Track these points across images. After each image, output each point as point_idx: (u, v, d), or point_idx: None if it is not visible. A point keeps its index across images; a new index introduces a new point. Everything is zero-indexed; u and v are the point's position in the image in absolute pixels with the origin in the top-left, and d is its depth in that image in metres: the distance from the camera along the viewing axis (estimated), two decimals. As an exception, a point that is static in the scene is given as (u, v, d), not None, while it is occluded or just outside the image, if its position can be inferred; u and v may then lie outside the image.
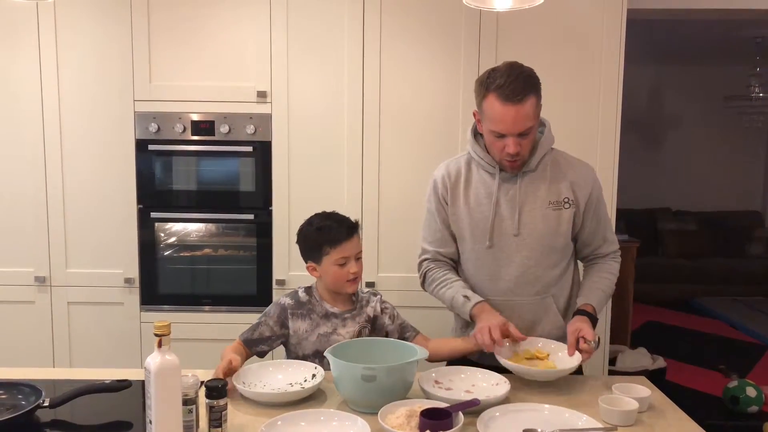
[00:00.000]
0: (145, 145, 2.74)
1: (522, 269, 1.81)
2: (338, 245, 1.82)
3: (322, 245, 1.84)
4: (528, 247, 1.80)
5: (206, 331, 2.79)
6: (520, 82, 1.68)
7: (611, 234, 1.92)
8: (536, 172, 1.81)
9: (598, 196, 1.85)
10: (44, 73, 2.71)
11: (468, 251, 1.88)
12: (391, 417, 1.42)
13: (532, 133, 1.75)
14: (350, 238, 1.84)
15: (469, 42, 2.65)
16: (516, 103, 1.67)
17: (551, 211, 1.79)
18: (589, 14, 2.65)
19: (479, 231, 1.83)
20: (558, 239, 1.81)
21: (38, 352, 2.81)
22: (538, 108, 1.74)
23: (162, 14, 2.68)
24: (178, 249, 2.83)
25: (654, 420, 1.53)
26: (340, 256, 1.82)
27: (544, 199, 1.79)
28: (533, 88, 1.70)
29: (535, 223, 1.79)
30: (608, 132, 2.69)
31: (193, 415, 1.39)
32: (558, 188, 1.80)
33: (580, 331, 1.71)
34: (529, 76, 1.72)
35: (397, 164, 2.72)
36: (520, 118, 1.68)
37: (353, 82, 2.70)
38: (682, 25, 5.08)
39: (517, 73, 1.69)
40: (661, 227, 7.04)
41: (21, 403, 1.50)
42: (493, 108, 1.70)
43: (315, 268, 1.88)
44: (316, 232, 1.86)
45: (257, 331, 1.87)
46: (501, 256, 1.82)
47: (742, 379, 3.70)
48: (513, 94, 1.67)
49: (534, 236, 1.79)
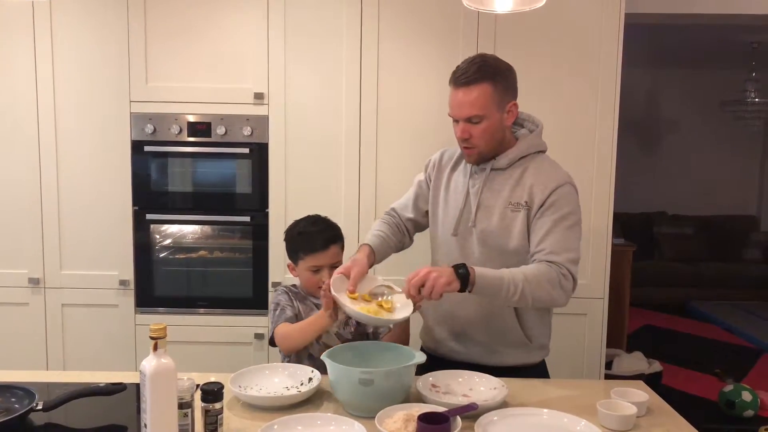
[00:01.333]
0: (141, 147, 2.72)
1: (479, 264, 1.76)
2: (312, 253, 1.89)
3: (298, 250, 1.92)
4: (482, 242, 1.79)
5: (202, 333, 2.77)
6: (474, 67, 1.69)
7: (556, 246, 1.69)
8: (505, 172, 1.79)
9: (554, 201, 1.72)
10: (40, 73, 2.69)
11: (438, 237, 1.89)
12: (389, 421, 1.42)
13: (486, 123, 1.71)
14: (325, 248, 1.89)
15: (467, 45, 2.65)
16: (461, 86, 1.69)
17: (509, 212, 1.76)
18: (587, 18, 2.65)
19: (449, 218, 1.85)
20: (510, 240, 1.76)
21: (32, 355, 2.79)
22: (494, 98, 1.69)
23: (158, 15, 2.67)
24: (173, 251, 2.82)
25: (652, 424, 1.53)
26: (312, 264, 1.89)
27: (506, 199, 1.77)
28: (488, 76, 1.68)
29: (490, 220, 1.78)
30: (605, 136, 2.69)
31: (188, 418, 1.37)
32: (521, 191, 1.76)
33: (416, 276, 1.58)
34: (488, 64, 1.70)
35: (394, 166, 2.71)
36: (465, 103, 1.69)
37: (350, 83, 2.69)
38: (679, 30, 5.09)
39: (475, 61, 1.70)
40: (657, 231, 7.07)
41: (14, 407, 1.49)
42: (450, 93, 1.74)
43: (294, 268, 1.97)
44: (296, 236, 1.95)
45: (287, 313, 1.88)
46: (464, 246, 1.82)
47: (737, 384, 3.71)
48: (461, 78, 1.69)
49: (487, 233, 1.78)
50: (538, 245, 1.71)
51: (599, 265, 2.72)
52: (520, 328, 1.81)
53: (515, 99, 1.76)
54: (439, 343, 1.88)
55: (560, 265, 1.67)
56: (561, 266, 1.67)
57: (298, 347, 1.84)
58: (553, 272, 1.66)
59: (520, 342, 1.83)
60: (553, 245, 1.69)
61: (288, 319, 1.86)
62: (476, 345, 1.84)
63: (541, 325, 1.86)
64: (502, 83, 1.71)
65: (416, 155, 2.69)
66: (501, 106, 1.72)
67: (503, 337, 1.82)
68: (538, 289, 1.64)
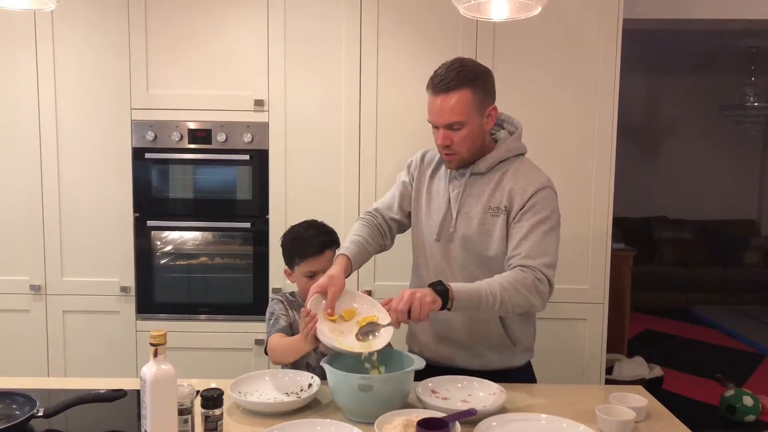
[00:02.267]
0: (142, 154, 2.74)
1: (460, 268, 1.79)
2: (307, 259, 1.88)
3: (293, 255, 1.91)
4: (463, 247, 1.78)
5: (202, 340, 2.78)
6: (452, 73, 1.67)
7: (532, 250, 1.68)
8: (485, 176, 1.78)
9: (532, 205, 1.71)
10: (41, 81, 2.71)
11: (421, 240, 1.87)
12: (388, 427, 1.42)
13: (467, 129, 1.69)
14: (320, 254, 1.88)
15: (466, 49, 2.66)
16: (441, 93, 1.68)
17: (489, 217, 1.75)
18: (585, 24, 2.67)
19: (431, 223, 1.84)
20: (490, 245, 1.75)
21: (33, 361, 2.79)
22: (474, 104, 1.68)
23: (159, 23, 2.69)
24: (174, 257, 2.82)
25: (651, 429, 1.53)
26: (308, 270, 1.88)
27: (486, 203, 1.76)
28: (468, 82, 1.67)
29: (469, 225, 1.77)
30: (604, 141, 2.70)
31: (188, 425, 1.38)
32: (500, 195, 1.75)
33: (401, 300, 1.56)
34: (467, 69, 1.68)
35: (393, 172, 2.70)
36: (445, 110, 1.68)
37: (350, 90, 2.70)
38: (677, 35, 5.11)
39: (453, 66, 1.68)
40: (657, 236, 7.07)
41: (15, 413, 1.49)
42: (428, 98, 1.73)
43: (290, 274, 1.96)
44: (290, 241, 1.94)
45: (280, 324, 1.86)
46: (446, 251, 1.81)
47: (738, 388, 3.70)
48: (440, 84, 1.68)
49: (466, 238, 1.77)
50: (515, 249, 1.70)
51: (599, 270, 2.73)
52: (504, 332, 1.81)
53: (494, 102, 1.75)
54: (424, 347, 1.88)
55: (535, 269, 1.65)
56: (536, 270, 1.65)
57: (283, 363, 1.82)
58: (529, 277, 1.64)
59: (504, 345, 1.82)
60: (529, 250, 1.67)
61: (281, 330, 1.84)
62: (461, 349, 1.83)
63: (524, 327, 1.85)
64: (482, 88, 1.70)
65: (416, 161, 2.70)
66: (481, 111, 1.71)
67: (487, 341, 1.82)
68: (516, 295, 1.62)
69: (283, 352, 1.76)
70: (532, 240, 1.68)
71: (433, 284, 1.60)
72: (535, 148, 1.91)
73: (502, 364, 1.84)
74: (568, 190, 2.67)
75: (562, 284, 2.61)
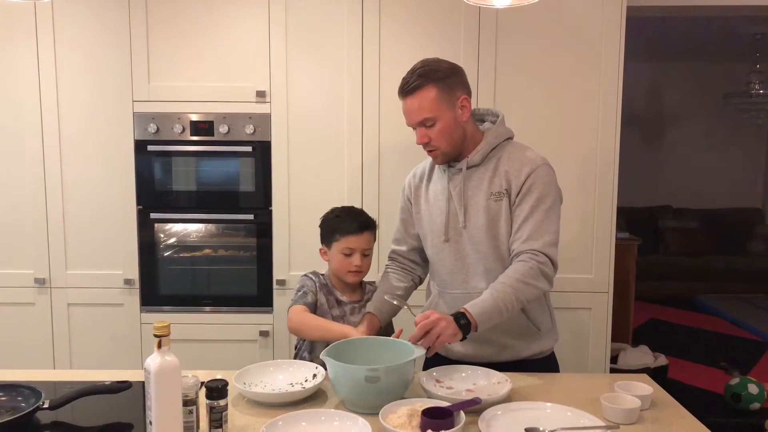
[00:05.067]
0: (144, 146, 2.73)
1: (474, 262, 1.83)
2: (347, 235, 1.98)
3: (334, 232, 2.00)
4: (475, 239, 1.81)
5: (206, 331, 2.78)
6: (414, 75, 1.75)
7: (533, 231, 1.73)
8: (481, 166, 1.82)
9: (531, 184, 1.76)
10: (42, 73, 2.70)
11: (430, 247, 1.93)
12: (393, 416, 1.42)
13: (441, 123, 1.75)
14: (360, 233, 1.99)
15: (468, 40, 2.65)
16: (408, 95, 1.76)
17: (493, 203, 1.79)
18: (588, 11, 2.64)
19: (436, 226, 1.88)
20: (501, 230, 1.79)
21: (38, 354, 2.80)
22: (441, 99, 1.74)
23: (160, 15, 2.68)
24: (177, 250, 2.83)
25: (656, 418, 1.53)
26: (346, 246, 1.97)
27: (487, 191, 1.80)
28: (429, 78, 1.73)
29: (478, 216, 1.80)
30: (608, 129, 2.68)
31: (193, 416, 1.38)
32: (499, 180, 1.79)
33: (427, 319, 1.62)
34: (428, 68, 1.75)
35: (397, 163, 2.71)
36: (414, 109, 1.76)
37: (352, 80, 2.69)
38: (682, 22, 5.07)
39: (415, 70, 1.76)
40: (662, 225, 7.04)
41: (21, 405, 1.50)
42: (402, 106, 1.80)
43: (326, 252, 2.05)
44: (333, 218, 2.04)
45: (308, 299, 1.96)
46: (457, 250, 1.85)
47: (743, 377, 3.69)
48: (404, 87, 1.76)
49: (478, 228, 1.80)
50: (517, 232, 1.76)
51: (604, 260, 2.72)
52: (527, 318, 1.83)
53: (466, 94, 1.79)
54: (449, 350, 1.89)
55: (537, 253, 1.71)
56: (538, 254, 1.71)
57: (302, 334, 1.95)
58: (533, 266, 1.70)
59: (528, 331, 1.84)
60: (531, 232, 1.73)
61: (306, 304, 1.94)
62: (487, 345, 1.84)
63: (541, 310, 1.88)
64: (445, 81, 1.76)
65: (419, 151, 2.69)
66: (450, 104, 1.76)
67: (511, 332, 1.83)
68: (526, 288, 1.69)
69: (312, 328, 1.89)
70: (533, 221, 1.74)
71: (456, 317, 1.63)
72: (538, 136, 1.91)
73: (531, 351, 1.86)
74: (572, 179, 2.66)
75: (567, 274, 2.61)
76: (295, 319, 1.91)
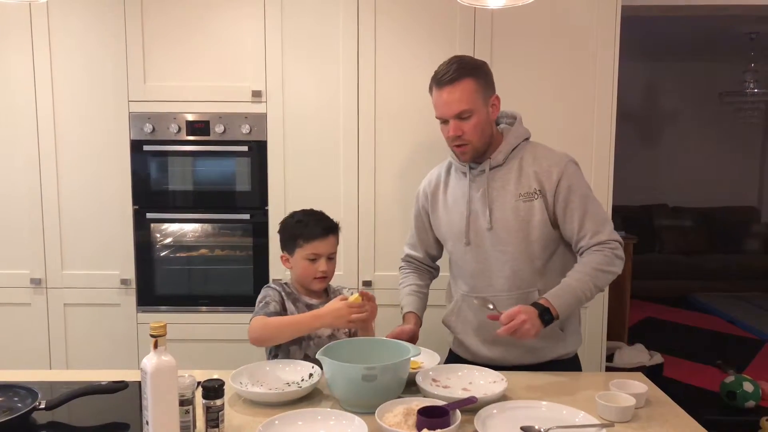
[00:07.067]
0: (140, 146, 2.73)
1: (500, 264, 1.82)
2: (311, 241, 1.89)
3: (296, 238, 1.91)
4: (502, 241, 1.80)
5: (203, 331, 2.78)
6: (453, 66, 1.74)
7: (595, 224, 1.77)
8: (504, 166, 1.82)
9: (568, 185, 1.78)
10: (38, 73, 2.70)
11: (452, 252, 1.93)
12: (389, 415, 1.42)
13: (476, 117, 1.75)
14: (325, 237, 1.91)
15: (464, 40, 2.65)
16: (446, 84, 1.74)
17: (522, 203, 1.78)
18: (583, 11, 2.65)
19: (456, 229, 1.87)
20: (532, 231, 1.78)
21: (35, 354, 2.80)
22: (478, 93, 1.75)
23: (156, 14, 2.68)
24: (174, 250, 2.83)
25: (651, 416, 1.53)
26: (312, 252, 1.89)
27: (514, 192, 1.79)
28: (469, 72, 1.74)
29: (506, 217, 1.79)
30: (604, 128, 2.69)
31: (190, 415, 1.38)
32: (527, 180, 1.79)
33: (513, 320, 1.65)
34: (466, 62, 1.76)
35: (393, 162, 2.72)
36: (453, 100, 1.73)
37: (348, 80, 2.69)
38: (677, 21, 5.08)
39: (453, 62, 1.76)
40: (657, 224, 7.07)
41: (17, 406, 1.50)
42: (433, 96, 1.78)
43: (288, 260, 1.95)
44: (294, 224, 1.94)
45: (270, 309, 1.85)
46: (479, 252, 1.84)
47: (739, 375, 3.71)
48: (444, 77, 1.74)
49: (506, 230, 1.79)
50: (579, 232, 1.78)
51: (599, 258, 2.72)
52: None
53: (495, 93, 1.81)
54: (475, 354, 1.89)
55: (607, 242, 1.77)
56: (608, 242, 1.77)
57: (270, 341, 1.83)
58: (608, 254, 1.76)
59: (552, 333, 1.81)
60: (593, 226, 1.77)
61: (268, 314, 1.82)
62: (511, 347, 1.83)
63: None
64: (483, 78, 1.77)
65: (414, 150, 2.70)
66: (486, 100, 1.77)
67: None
68: (603, 276, 1.75)
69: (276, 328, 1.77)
70: (590, 217, 1.78)
71: (541, 313, 1.68)
72: (534, 136, 1.91)
73: (555, 353, 1.86)
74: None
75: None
76: (256, 326, 1.79)
